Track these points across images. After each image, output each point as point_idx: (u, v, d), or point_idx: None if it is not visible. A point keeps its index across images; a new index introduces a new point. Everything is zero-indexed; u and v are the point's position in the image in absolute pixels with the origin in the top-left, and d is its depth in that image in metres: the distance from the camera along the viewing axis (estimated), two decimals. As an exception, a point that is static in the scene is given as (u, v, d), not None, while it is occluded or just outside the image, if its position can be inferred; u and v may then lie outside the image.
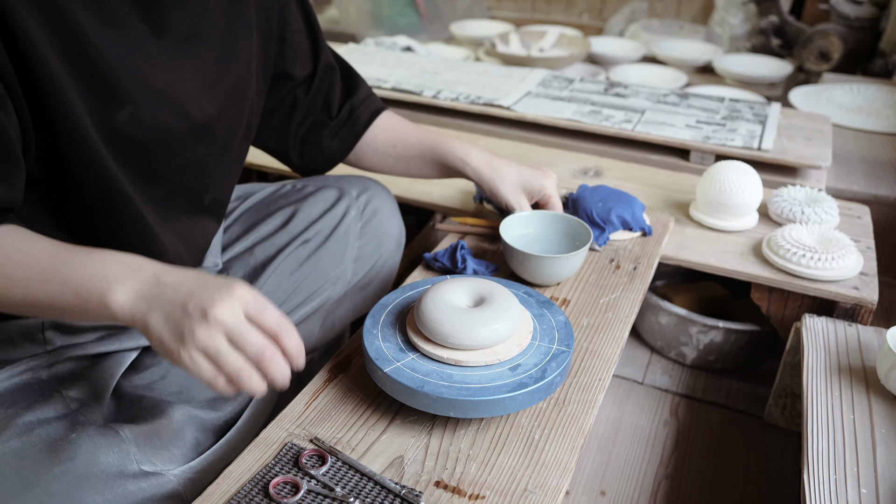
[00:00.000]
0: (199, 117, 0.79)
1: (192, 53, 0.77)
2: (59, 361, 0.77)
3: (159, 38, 0.73)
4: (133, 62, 0.70)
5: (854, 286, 1.02)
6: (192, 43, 0.77)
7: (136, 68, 0.70)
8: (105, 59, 0.67)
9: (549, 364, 0.71)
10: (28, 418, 0.68)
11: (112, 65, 0.68)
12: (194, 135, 0.79)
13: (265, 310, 0.60)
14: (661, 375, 1.26)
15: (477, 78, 1.69)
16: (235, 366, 0.58)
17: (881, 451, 0.78)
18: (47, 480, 0.63)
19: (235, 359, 0.58)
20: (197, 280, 0.61)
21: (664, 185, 1.30)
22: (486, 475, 0.66)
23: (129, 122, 0.71)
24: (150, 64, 0.72)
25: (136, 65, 0.70)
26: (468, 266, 0.93)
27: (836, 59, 2.33)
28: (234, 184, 0.94)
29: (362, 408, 0.74)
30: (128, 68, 0.69)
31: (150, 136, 0.74)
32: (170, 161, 0.78)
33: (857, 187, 1.45)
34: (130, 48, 0.70)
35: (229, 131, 0.86)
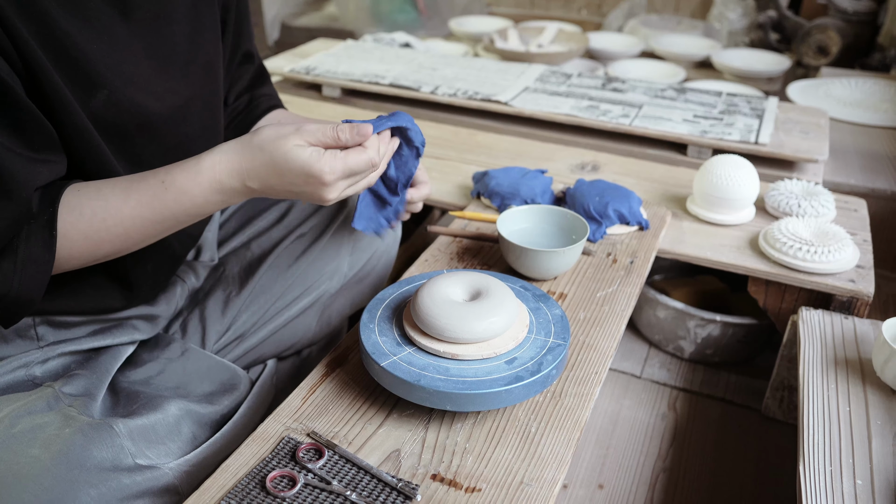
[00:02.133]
0: (175, 99, 0.79)
1: (161, 33, 0.77)
2: (52, 357, 0.78)
3: (127, 19, 0.73)
4: (102, 46, 0.70)
5: (850, 279, 1.02)
6: (161, 23, 0.77)
7: (106, 52, 0.70)
8: (76, 44, 0.67)
9: (545, 357, 0.71)
10: (21, 414, 0.69)
11: (83, 49, 0.68)
12: (172, 117, 0.79)
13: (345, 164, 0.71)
14: (659, 369, 1.27)
15: (475, 73, 1.69)
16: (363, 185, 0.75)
17: (876, 443, 0.78)
18: (40, 474, 0.63)
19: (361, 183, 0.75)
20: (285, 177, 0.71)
21: (661, 180, 1.30)
22: (482, 468, 0.67)
23: (106, 107, 0.71)
24: (120, 47, 0.72)
25: (105, 48, 0.70)
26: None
27: (835, 53, 2.33)
28: None
29: (359, 402, 0.74)
30: (97, 52, 0.69)
31: (128, 119, 0.74)
32: (151, 145, 0.78)
33: (855, 181, 1.45)
34: (99, 32, 0.70)
35: (208, 111, 0.85)
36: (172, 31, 0.78)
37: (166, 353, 0.87)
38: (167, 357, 0.87)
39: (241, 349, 0.96)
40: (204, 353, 0.89)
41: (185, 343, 0.90)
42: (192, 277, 0.95)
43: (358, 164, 0.71)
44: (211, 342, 0.93)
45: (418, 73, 1.68)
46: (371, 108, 1.62)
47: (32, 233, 0.66)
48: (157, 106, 0.76)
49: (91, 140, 0.71)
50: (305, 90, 1.70)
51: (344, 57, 1.79)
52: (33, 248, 0.66)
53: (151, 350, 0.87)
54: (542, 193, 1.10)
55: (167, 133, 0.79)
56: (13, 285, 0.66)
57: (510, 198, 1.09)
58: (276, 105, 1.02)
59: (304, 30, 2.90)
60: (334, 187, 0.72)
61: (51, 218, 0.67)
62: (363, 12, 2.78)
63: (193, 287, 0.96)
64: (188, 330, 0.93)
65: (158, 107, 0.77)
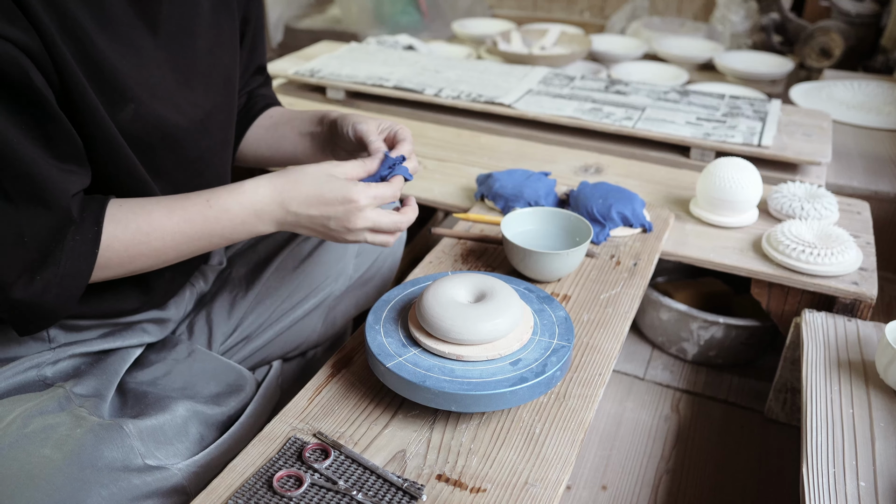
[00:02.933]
0: (196, 112, 0.80)
1: (185, 47, 0.78)
2: (63, 359, 0.78)
3: (154, 33, 0.74)
4: (131, 60, 0.71)
5: (853, 281, 1.02)
6: (185, 36, 0.78)
7: (135, 66, 0.71)
8: (108, 58, 0.68)
9: (549, 359, 0.72)
10: (33, 414, 0.69)
11: (114, 64, 0.69)
12: (194, 130, 0.80)
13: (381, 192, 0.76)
14: (662, 371, 1.27)
15: (478, 76, 1.70)
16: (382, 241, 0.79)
17: (880, 445, 0.78)
18: (51, 474, 0.64)
19: (381, 238, 0.78)
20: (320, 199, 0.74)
21: (664, 182, 1.31)
22: (487, 469, 0.67)
23: (133, 120, 0.72)
24: (147, 61, 0.73)
25: (134, 63, 0.71)
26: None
27: (838, 55, 2.33)
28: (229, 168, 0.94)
29: (365, 402, 0.74)
30: (127, 67, 0.70)
31: (153, 133, 0.75)
32: (173, 156, 0.79)
33: (858, 183, 1.45)
34: (128, 47, 0.71)
35: (226, 125, 0.87)
36: (195, 45, 0.79)
37: (173, 354, 0.88)
38: (174, 358, 0.87)
39: (247, 350, 0.97)
40: (210, 354, 0.90)
41: (191, 344, 0.90)
42: (200, 281, 0.96)
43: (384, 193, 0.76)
44: (217, 343, 0.94)
45: (422, 76, 1.68)
46: (375, 110, 1.63)
47: (77, 246, 0.67)
48: (180, 119, 0.78)
49: (122, 152, 0.72)
50: (310, 92, 1.70)
51: (348, 59, 1.80)
52: (76, 262, 0.67)
53: (158, 351, 0.88)
54: (545, 196, 1.10)
55: (189, 145, 0.80)
56: (50, 296, 0.66)
57: (514, 200, 1.10)
58: (272, 104, 1.02)
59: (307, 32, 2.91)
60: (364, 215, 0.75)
61: (96, 235, 0.68)
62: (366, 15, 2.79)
63: (202, 291, 0.97)
64: (195, 331, 0.94)
65: (181, 120, 0.78)
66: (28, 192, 0.64)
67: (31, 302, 0.66)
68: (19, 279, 0.64)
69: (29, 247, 0.65)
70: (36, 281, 0.65)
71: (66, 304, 0.68)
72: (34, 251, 0.65)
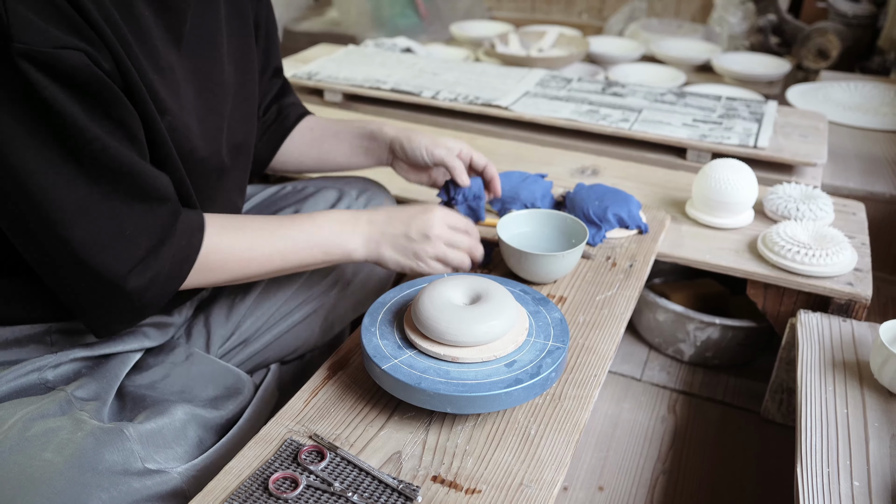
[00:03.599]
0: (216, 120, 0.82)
1: (206, 57, 0.79)
2: (65, 362, 0.78)
3: (178, 47, 0.75)
4: (162, 72, 0.72)
5: (848, 282, 1.03)
6: (206, 46, 0.79)
7: (166, 77, 0.73)
8: (146, 70, 0.70)
9: (544, 360, 0.72)
10: (34, 418, 0.70)
11: (150, 76, 0.70)
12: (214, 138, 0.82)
13: (457, 218, 0.88)
14: (659, 372, 1.27)
15: (475, 78, 1.70)
16: (459, 260, 0.88)
17: (874, 445, 0.79)
18: (52, 478, 0.64)
19: (457, 255, 0.87)
20: (401, 214, 0.86)
21: (661, 184, 1.31)
22: (482, 470, 0.67)
23: (170, 130, 0.74)
24: (175, 73, 0.74)
25: (164, 74, 0.73)
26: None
27: (835, 56, 2.34)
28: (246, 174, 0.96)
29: (361, 404, 0.75)
30: (160, 78, 0.72)
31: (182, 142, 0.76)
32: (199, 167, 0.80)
33: (854, 184, 1.45)
34: (159, 58, 0.72)
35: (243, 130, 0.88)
36: (214, 55, 0.81)
37: (171, 358, 0.88)
38: (172, 361, 0.88)
39: (245, 354, 0.97)
40: (208, 357, 0.90)
41: (189, 347, 0.90)
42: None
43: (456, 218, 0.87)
44: (215, 347, 0.94)
45: (419, 78, 1.69)
46: (373, 112, 1.63)
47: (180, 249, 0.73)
48: (201, 128, 0.79)
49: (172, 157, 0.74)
50: (307, 95, 1.71)
51: (345, 62, 1.81)
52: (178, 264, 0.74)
53: (156, 355, 0.88)
54: (542, 198, 1.10)
55: (210, 153, 0.82)
56: (152, 293, 0.72)
57: (510, 202, 1.10)
58: (304, 113, 1.06)
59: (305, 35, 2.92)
60: (440, 218, 0.85)
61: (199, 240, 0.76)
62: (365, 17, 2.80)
63: (203, 296, 0.97)
64: (193, 334, 0.94)
65: (201, 129, 0.79)
66: (134, 189, 0.68)
67: (140, 293, 0.71)
68: (131, 272, 0.70)
69: (139, 242, 0.70)
70: (146, 274, 0.70)
71: (159, 303, 0.74)
72: (143, 247, 0.70)
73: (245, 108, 0.88)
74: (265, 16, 0.95)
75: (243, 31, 0.88)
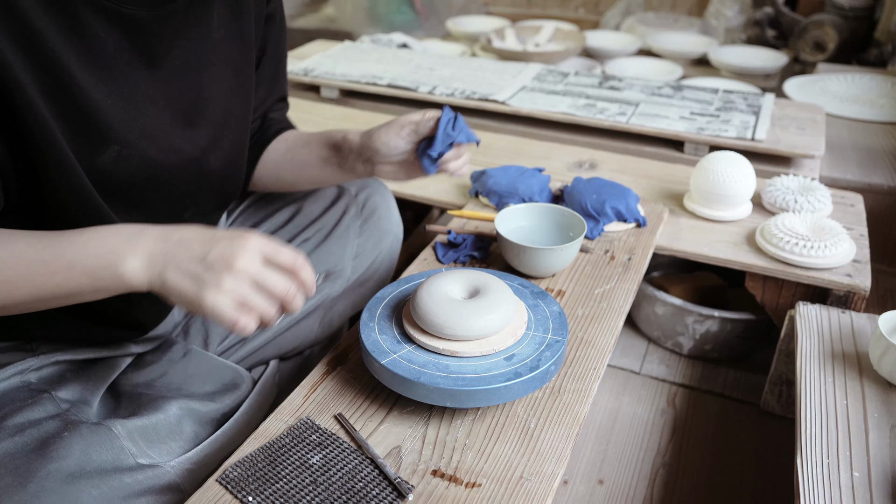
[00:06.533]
0: (190, 149, 0.76)
1: (188, 81, 0.74)
2: (47, 365, 0.78)
3: (152, 68, 0.70)
4: (120, 99, 0.67)
5: (847, 273, 1.03)
6: (190, 70, 0.74)
7: (124, 105, 0.67)
8: (90, 98, 0.64)
9: (543, 353, 0.72)
10: (19, 420, 0.69)
11: (97, 104, 0.65)
12: (184, 168, 0.76)
13: (278, 251, 0.64)
14: (658, 365, 1.27)
15: (472, 73, 1.70)
16: (263, 308, 0.63)
17: (873, 435, 0.79)
18: (41, 477, 0.64)
19: (262, 302, 0.63)
20: (204, 234, 0.64)
21: (658, 177, 1.31)
22: (482, 463, 0.67)
23: (115, 162, 0.68)
24: (139, 98, 0.69)
25: (123, 101, 0.67)
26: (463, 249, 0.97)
27: (832, 49, 2.33)
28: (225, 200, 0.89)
29: (360, 399, 0.75)
30: (113, 106, 0.66)
31: (137, 173, 0.71)
32: (154, 195, 0.75)
33: (852, 176, 1.45)
34: (118, 84, 0.67)
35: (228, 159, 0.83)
36: (200, 79, 0.75)
37: (168, 355, 0.88)
38: (169, 359, 0.87)
39: (244, 351, 0.97)
40: (206, 354, 0.90)
41: (187, 345, 0.90)
42: None
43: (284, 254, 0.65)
44: (214, 345, 0.93)
45: (416, 74, 1.68)
46: (369, 108, 1.63)
47: None
48: (171, 157, 0.73)
49: (83, 189, 0.67)
50: (304, 91, 1.70)
51: (342, 58, 1.80)
52: None
53: (153, 353, 0.88)
54: (539, 192, 1.10)
55: (176, 183, 0.76)
56: None
57: (508, 196, 1.10)
58: (286, 128, 0.99)
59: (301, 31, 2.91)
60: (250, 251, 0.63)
61: None
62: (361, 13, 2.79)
63: None
64: (191, 333, 0.93)
65: (172, 158, 0.73)
66: None
67: None
68: None
69: None
70: None
71: None
72: None
73: (234, 135, 0.83)
74: (275, 37, 0.90)
75: (244, 56, 0.82)
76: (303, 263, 0.65)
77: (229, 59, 0.80)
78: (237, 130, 0.84)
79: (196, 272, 0.62)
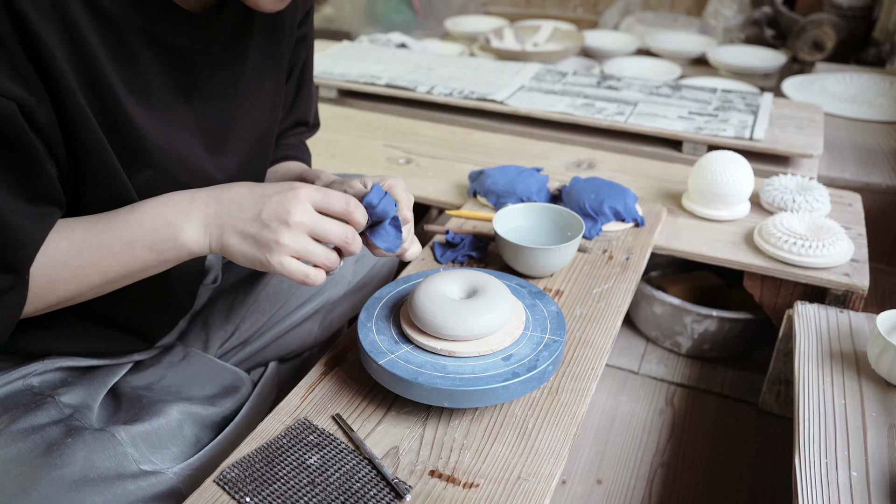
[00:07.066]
0: (220, 176, 0.77)
1: (220, 111, 0.75)
2: (50, 370, 0.78)
3: (189, 96, 0.71)
4: (159, 125, 0.68)
5: (845, 273, 1.03)
6: (222, 100, 0.75)
7: (162, 131, 0.68)
8: (134, 122, 0.65)
9: (541, 353, 0.72)
10: (22, 425, 0.69)
11: (140, 128, 0.66)
12: None
13: (329, 197, 0.65)
14: (657, 365, 1.27)
15: (471, 73, 1.70)
16: (325, 257, 0.65)
17: (872, 435, 0.79)
18: (45, 484, 0.64)
19: (323, 250, 0.65)
20: (253, 191, 0.66)
21: (657, 176, 1.31)
22: (480, 464, 0.67)
23: (147, 185, 0.69)
24: (175, 125, 0.70)
25: (161, 127, 0.68)
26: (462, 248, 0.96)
27: (830, 48, 2.34)
28: None
29: (358, 400, 0.75)
30: (153, 131, 0.67)
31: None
32: None
33: (850, 175, 1.45)
34: (158, 111, 0.68)
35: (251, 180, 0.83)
36: (231, 108, 0.76)
37: (168, 358, 0.88)
38: (169, 361, 0.87)
39: (244, 354, 0.96)
40: (205, 356, 0.89)
41: (186, 347, 0.90)
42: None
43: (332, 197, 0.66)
44: (214, 347, 0.93)
45: (414, 74, 1.68)
46: (367, 108, 1.63)
47: None
48: (200, 185, 0.73)
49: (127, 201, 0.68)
50: (302, 92, 1.70)
51: (340, 58, 1.80)
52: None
53: (153, 356, 0.88)
54: (537, 191, 1.10)
55: None
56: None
57: (506, 196, 1.10)
58: (290, 157, 0.96)
59: (300, 31, 2.90)
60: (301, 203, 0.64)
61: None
62: (359, 13, 2.79)
63: (196, 310, 0.95)
64: (190, 336, 0.93)
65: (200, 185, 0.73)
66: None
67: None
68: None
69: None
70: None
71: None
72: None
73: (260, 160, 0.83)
74: (303, 60, 0.89)
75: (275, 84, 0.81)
76: (355, 206, 0.67)
77: (262, 85, 0.80)
78: (263, 156, 0.84)
79: (253, 232, 0.63)
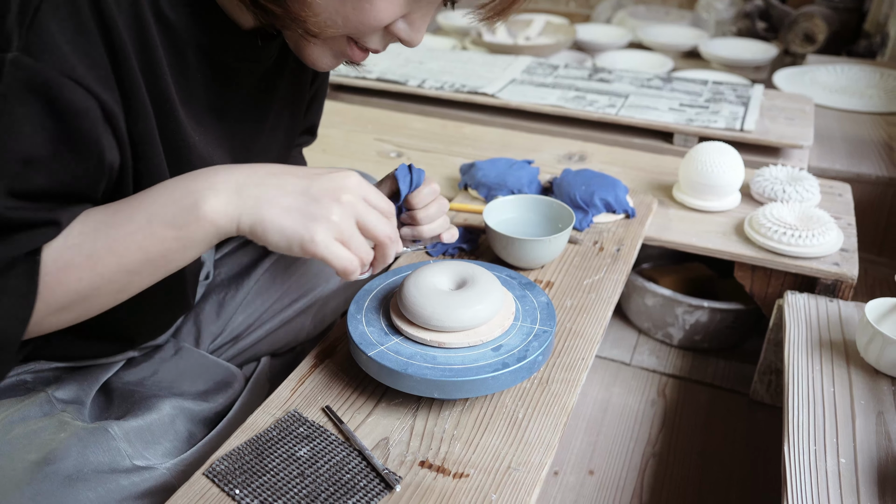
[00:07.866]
0: None
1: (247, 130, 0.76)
2: (43, 368, 0.78)
3: (225, 113, 0.72)
4: (202, 139, 0.69)
5: (835, 262, 1.03)
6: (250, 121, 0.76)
7: (203, 146, 0.69)
8: (186, 133, 0.66)
9: (531, 344, 0.72)
10: (15, 419, 0.69)
11: (190, 140, 0.67)
12: None
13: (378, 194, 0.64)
14: (649, 356, 1.28)
15: (462, 66, 1.70)
16: (365, 250, 0.62)
17: (860, 422, 0.79)
18: (38, 480, 0.64)
19: (364, 242, 0.62)
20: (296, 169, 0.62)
21: (648, 168, 1.31)
22: (470, 454, 0.67)
23: None
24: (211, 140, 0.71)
25: (203, 142, 0.69)
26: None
27: (821, 41, 2.34)
28: None
29: (348, 392, 0.75)
30: (197, 145, 0.68)
31: None
32: None
33: (840, 166, 1.46)
34: (202, 125, 0.69)
35: None
36: (257, 128, 0.77)
37: (160, 354, 0.87)
38: (160, 357, 0.87)
39: (236, 349, 0.96)
40: (197, 351, 0.89)
41: (178, 342, 0.90)
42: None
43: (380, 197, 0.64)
44: (205, 344, 0.93)
45: (405, 67, 1.68)
46: (358, 102, 1.63)
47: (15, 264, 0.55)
48: None
49: None
50: (293, 86, 1.70)
51: (331, 52, 1.79)
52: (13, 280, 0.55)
53: (145, 351, 0.88)
54: (528, 184, 1.10)
55: None
56: None
57: (497, 188, 1.10)
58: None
59: (292, 26, 2.90)
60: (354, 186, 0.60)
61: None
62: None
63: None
64: (182, 332, 0.93)
65: None
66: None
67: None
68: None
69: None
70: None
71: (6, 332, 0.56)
72: None
73: None
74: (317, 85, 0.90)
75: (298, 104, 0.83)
76: (392, 213, 0.65)
77: (286, 100, 0.81)
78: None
79: (299, 206, 0.58)
